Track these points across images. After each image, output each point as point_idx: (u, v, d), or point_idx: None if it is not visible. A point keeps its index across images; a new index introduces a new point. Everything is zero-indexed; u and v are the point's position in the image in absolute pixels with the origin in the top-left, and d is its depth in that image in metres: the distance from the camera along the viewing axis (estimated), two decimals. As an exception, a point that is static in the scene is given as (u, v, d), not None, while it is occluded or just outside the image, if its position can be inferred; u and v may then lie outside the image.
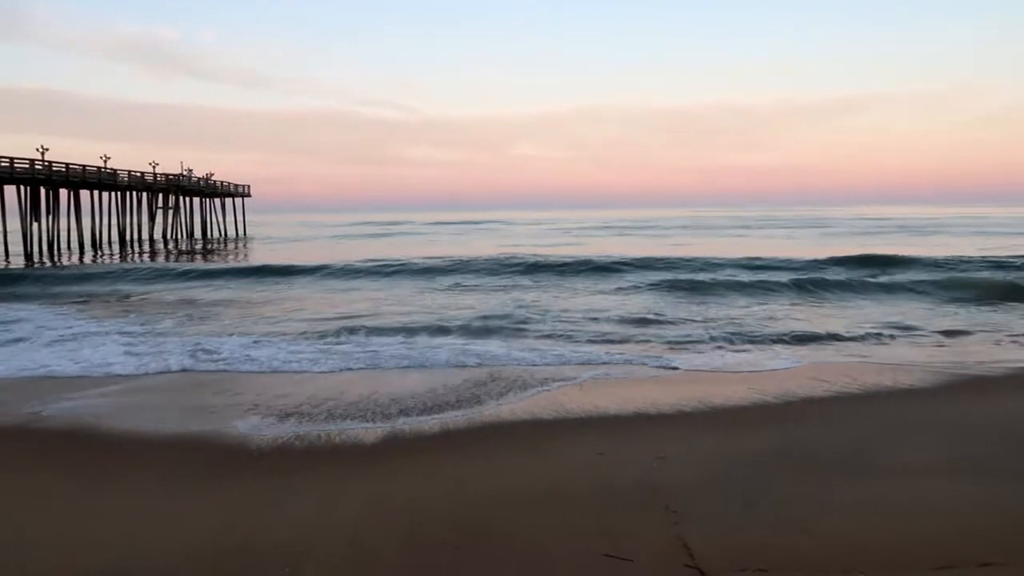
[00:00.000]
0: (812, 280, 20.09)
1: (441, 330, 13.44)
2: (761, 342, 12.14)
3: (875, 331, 12.97)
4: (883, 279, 20.65)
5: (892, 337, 12.54)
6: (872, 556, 4.10)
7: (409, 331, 13.24)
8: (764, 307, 16.47)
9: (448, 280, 22.47)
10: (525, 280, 22.15)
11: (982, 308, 15.83)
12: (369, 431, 7.18)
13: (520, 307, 16.22)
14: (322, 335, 12.98)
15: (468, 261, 26.61)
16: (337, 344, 12.16)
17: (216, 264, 31.35)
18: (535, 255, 28.08)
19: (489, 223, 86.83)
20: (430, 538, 4.49)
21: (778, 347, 11.72)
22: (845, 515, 4.78)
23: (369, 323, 14.25)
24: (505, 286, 20.73)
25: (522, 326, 13.74)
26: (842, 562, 4.03)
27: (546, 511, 4.88)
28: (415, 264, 26.19)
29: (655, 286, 19.87)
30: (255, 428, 7.33)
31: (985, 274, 21.57)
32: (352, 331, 13.30)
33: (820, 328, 13.33)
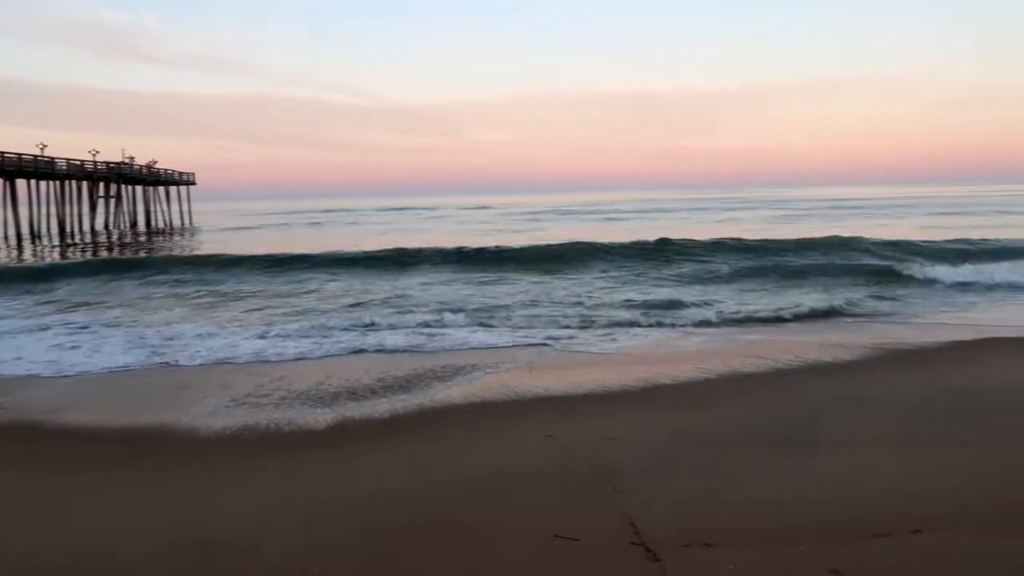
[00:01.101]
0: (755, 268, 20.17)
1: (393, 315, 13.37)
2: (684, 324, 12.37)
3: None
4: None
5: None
6: (812, 527, 4.24)
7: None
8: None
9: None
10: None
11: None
12: (321, 418, 7.14)
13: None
14: (270, 324, 12.81)
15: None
16: (284, 335, 12.00)
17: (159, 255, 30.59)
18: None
19: (433, 210, 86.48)
20: (383, 523, 4.50)
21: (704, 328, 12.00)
22: (785, 488, 4.93)
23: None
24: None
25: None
26: (784, 534, 4.15)
27: (496, 494, 4.92)
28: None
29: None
30: (206, 419, 7.21)
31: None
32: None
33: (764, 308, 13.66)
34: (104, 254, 31.98)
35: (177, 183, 59.43)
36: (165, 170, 56.55)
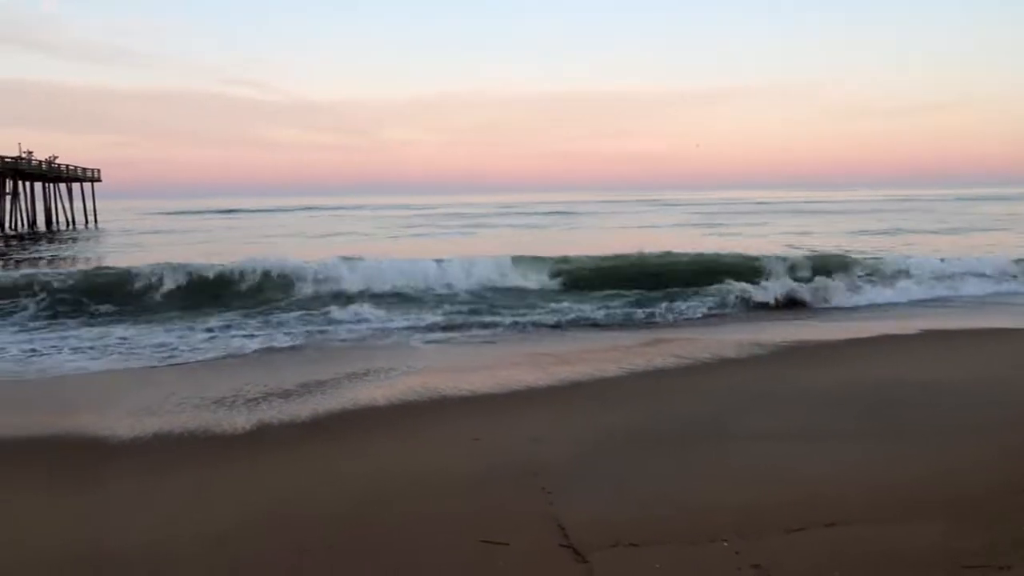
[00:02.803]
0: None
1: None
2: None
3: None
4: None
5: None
6: (733, 523, 4.34)
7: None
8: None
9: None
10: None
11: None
12: (236, 423, 6.87)
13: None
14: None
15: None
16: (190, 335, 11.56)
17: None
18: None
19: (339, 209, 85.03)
20: (301, 533, 4.36)
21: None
22: (706, 485, 5.05)
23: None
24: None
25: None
26: (705, 531, 4.24)
27: (423, 501, 4.85)
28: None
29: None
30: (109, 427, 6.84)
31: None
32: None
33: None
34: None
35: (80, 179, 56.55)
36: (67, 166, 53.75)
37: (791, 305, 14.71)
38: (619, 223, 50.90)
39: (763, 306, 14.55)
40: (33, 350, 10.73)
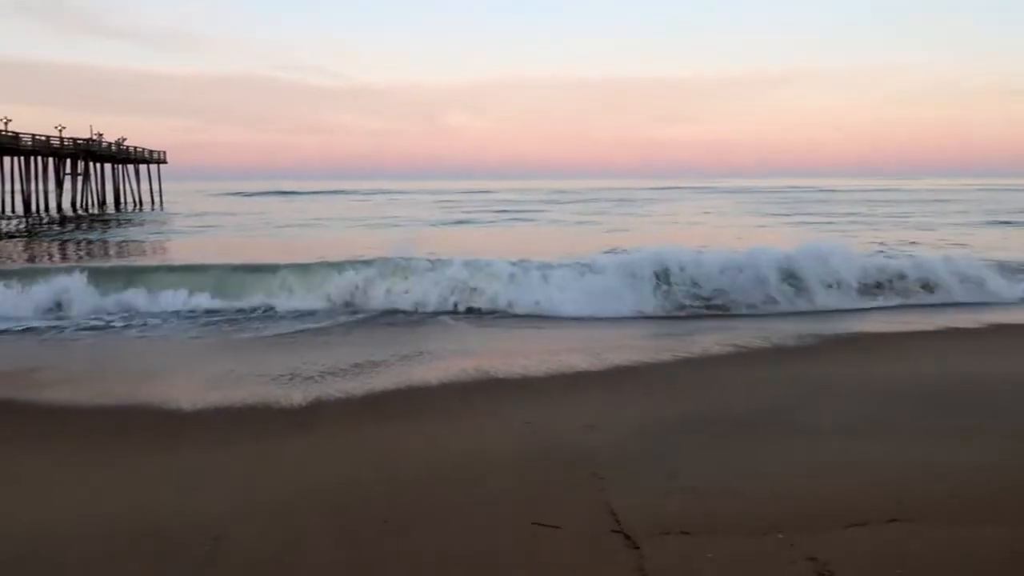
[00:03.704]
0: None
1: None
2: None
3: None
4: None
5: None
6: (789, 516, 4.26)
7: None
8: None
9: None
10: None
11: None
12: (294, 400, 7.03)
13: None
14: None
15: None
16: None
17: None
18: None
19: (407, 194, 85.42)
20: (355, 510, 4.44)
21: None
22: (762, 476, 4.95)
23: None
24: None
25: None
26: (762, 522, 4.17)
27: (476, 482, 4.89)
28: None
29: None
30: (173, 399, 7.07)
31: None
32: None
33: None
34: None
35: (147, 161, 58.44)
36: (135, 148, 55.52)
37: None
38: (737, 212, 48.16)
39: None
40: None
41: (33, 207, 42.87)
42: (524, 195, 79.76)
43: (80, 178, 48.73)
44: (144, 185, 57.03)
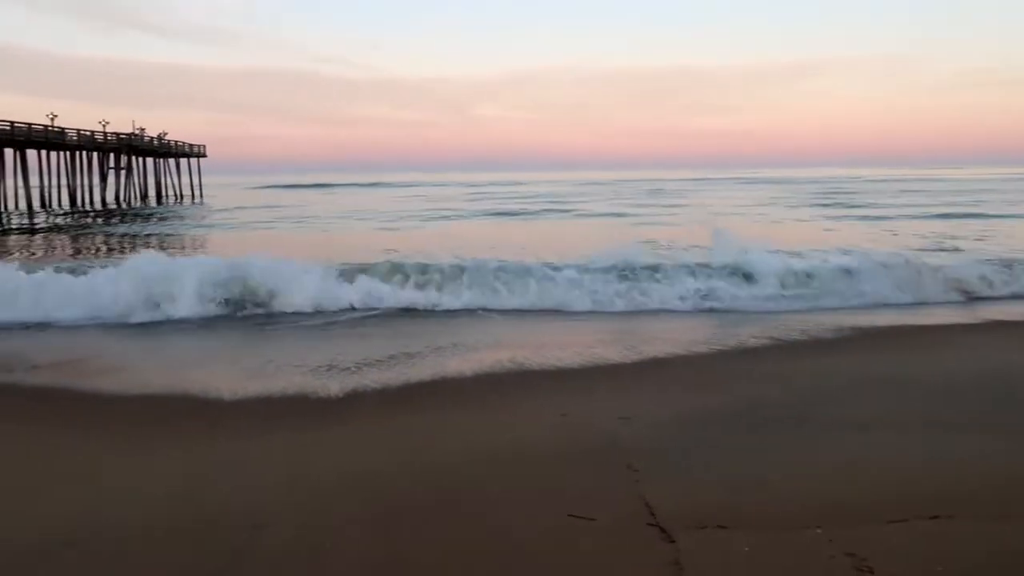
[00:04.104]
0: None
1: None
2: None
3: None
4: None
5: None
6: (827, 510, 4.21)
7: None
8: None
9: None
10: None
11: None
12: (332, 391, 7.13)
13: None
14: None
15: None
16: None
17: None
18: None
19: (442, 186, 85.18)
20: (394, 500, 4.49)
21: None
22: (799, 470, 4.90)
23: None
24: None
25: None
26: (798, 517, 4.13)
27: (511, 473, 4.91)
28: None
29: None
30: (216, 388, 7.22)
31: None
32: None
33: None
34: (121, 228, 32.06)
35: (188, 155, 59.47)
36: (175, 142, 56.52)
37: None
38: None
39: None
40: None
41: (78, 201, 43.93)
42: (582, 187, 76.89)
43: (123, 172, 49.78)
44: (184, 179, 58.11)
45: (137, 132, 50.59)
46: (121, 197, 49.07)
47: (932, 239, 22.39)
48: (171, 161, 57.53)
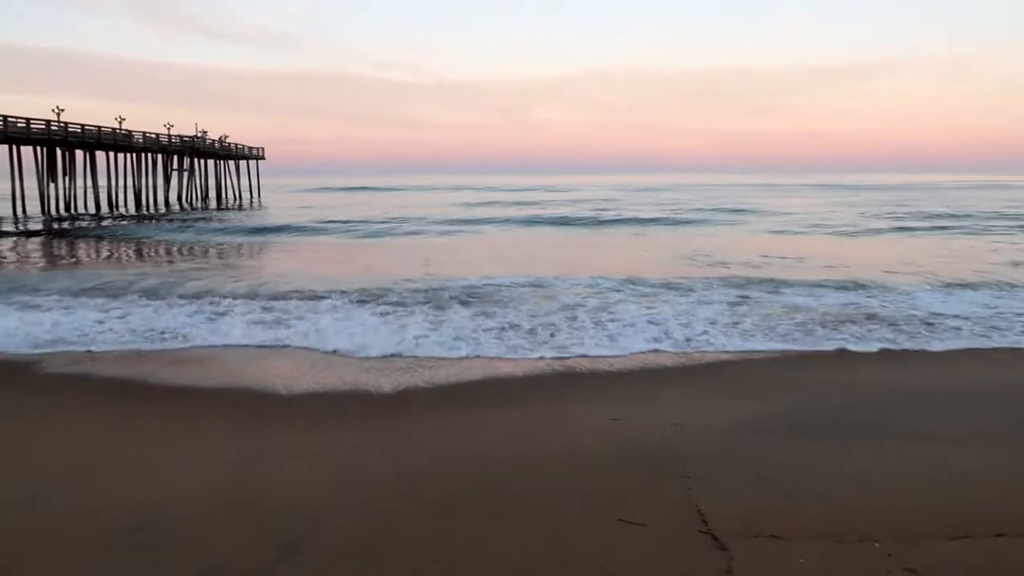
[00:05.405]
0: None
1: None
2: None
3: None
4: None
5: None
6: (886, 524, 4.11)
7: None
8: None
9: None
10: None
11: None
12: (388, 389, 7.24)
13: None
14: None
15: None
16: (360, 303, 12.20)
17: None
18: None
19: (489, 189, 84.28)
20: (447, 499, 4.55)
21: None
22: (858, 482, 4.79)
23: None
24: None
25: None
26: (856, 530, 4.04)
27: (561, 476, 4.92)
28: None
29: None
30: (272, 383, 7.40)
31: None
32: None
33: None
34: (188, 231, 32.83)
35: (247, 157, 60.80)
36: (236, 144, 57.90)
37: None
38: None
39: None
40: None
41: (143, 202, 45.37)
42: (685, 193, 65.71)
43: (186, 173, 51.20)
44: (243, 181, 59.51)
45: (200, 135, 52.01)
46: (184, 198, 50.45)
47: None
48: (231, 163, 58.97)
